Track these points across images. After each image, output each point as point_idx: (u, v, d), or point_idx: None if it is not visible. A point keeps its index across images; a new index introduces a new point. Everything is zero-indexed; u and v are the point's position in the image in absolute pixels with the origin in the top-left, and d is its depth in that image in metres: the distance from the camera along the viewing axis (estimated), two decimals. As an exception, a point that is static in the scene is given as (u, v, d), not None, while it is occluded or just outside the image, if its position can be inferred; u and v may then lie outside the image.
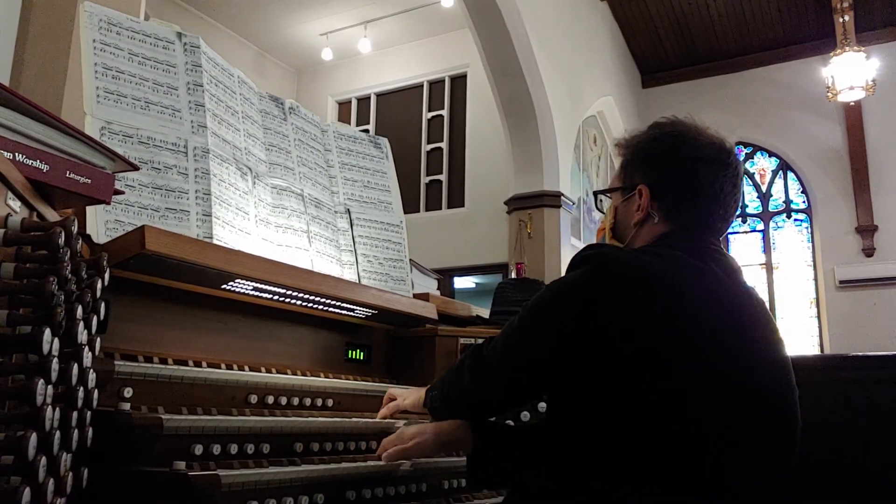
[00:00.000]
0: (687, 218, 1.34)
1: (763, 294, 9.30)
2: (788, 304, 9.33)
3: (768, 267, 9.54)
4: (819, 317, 9.10)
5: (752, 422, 1.18)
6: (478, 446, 1.41)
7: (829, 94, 8.06)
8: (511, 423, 1.86)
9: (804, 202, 9.53)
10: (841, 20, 8.24)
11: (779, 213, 9.68)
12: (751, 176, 9.93)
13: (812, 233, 9.38)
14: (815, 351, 8.98)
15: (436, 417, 1.53)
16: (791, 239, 9.55)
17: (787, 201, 9.65)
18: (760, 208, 9.80)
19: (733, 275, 1.30)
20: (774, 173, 9.78)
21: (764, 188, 9.81)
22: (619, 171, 1.46)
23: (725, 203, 1.35)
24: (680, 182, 1.34)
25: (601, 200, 1.55)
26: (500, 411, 1.48)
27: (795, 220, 9.58)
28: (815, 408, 1.93)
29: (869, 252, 8.86)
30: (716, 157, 1.34)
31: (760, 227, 9.75)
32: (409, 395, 1.70)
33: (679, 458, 1.13)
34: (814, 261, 9.30)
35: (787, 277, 9.42)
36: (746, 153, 9.97)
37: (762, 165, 9.88)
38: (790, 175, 9.66)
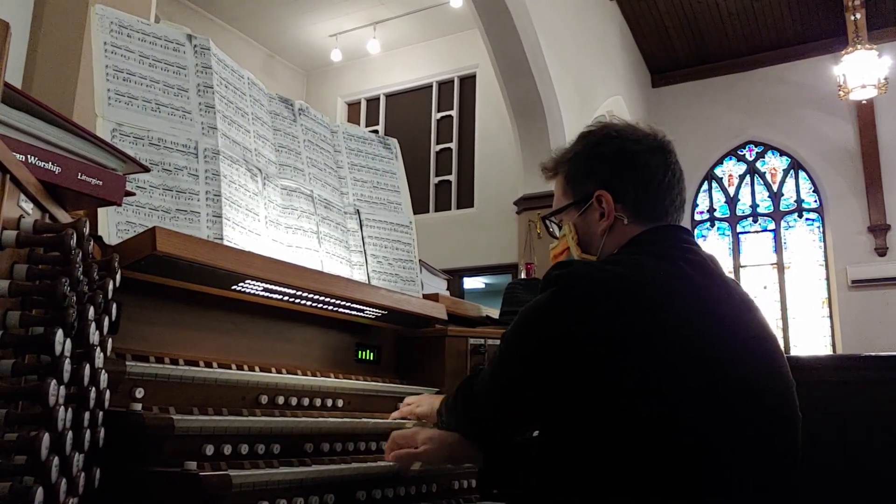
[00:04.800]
0: (651, 212, 1.33)
1: (775, 294, 9.28)
2: (800, 304, 9.28)
3: (780, 267, 9.49)
4: (831, 317, 9.04)
5: (744, 417, 1.15)
6: (487, 462, 1.41)
7: (840, 92, 8.01)
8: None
9: (816, 201, 9.47)
10: (852, 18, 8.18)
11: (790, 212, 9.62)
12: (762, 175, 9.88)
13: (824, 232, 9.32)
14: (828, 351, 8.92)
15: None
16: (803, 238, 9.49)
17: (799, 200, 9.60)
18: (771, 208, 9.75)
19: (707, 271, 1.26)
20: (786, 172, 9.73)
21: (775, 187, 9.76)
22: (564, 187, 1.44)
23: (680, 188, 1.36)
24: (636, 177, 1.34)
25: (553, 226, 1.51)
26: (504, 438, 1.43)
27: (807, 219, 9.53)
28: (827, 408, 1.92)
29: (882, 251, 8.80)
30: (658, 146, 1.36)
31: (772, 226, 9.69)
32: (422, 403, 1.71)
33: (675, 464, 1.10)
34: (826, 260, 9.24)
35: (798, 277, 9.36)
36: (757, 152, 9.92)
37: (773, 165, 9.83)
38: (801, 174, 9.61)
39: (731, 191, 10.02)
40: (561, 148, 1.47)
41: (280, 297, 1.72)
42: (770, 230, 9.70)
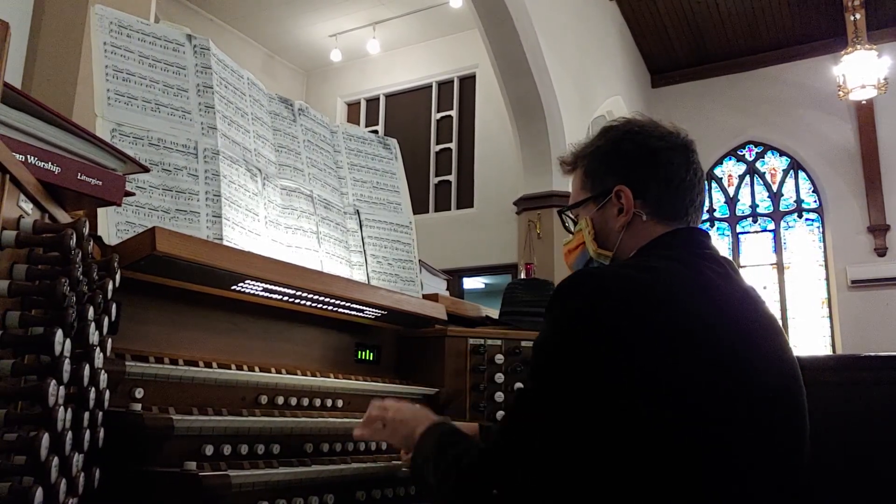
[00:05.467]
0: (671, 211, 1.32)
1: (774, 294, 9.28)
2: (800, 305, 9.28)
3: (779, 267, 9.49)
4: (831, 317, 9.04)
5: (763, 426, 1.15)
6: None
7: (840, 92, 8.01)
8: None
9: (815, 202, 9.47)
10: (852, 18, 8.18)
11: (790, 212, 9.63)
12: (762, 175, 9.88)
13: (824, 232, 9.32)
14: (828, 351, 8.92)
15: None
16: (802, 239, 9.49)
17: (799, 201, 9.60)
18: (771, 208, 9.75)
19: (729, 277, 1.25)
20: (785, 173, 9.73)
21: (775, 188, 9.76)
22: (583, 181, 1.42)
23: (700, 188, 1.35)
24: (658, 174, 1.32)
25: (568, 220, 1.49)
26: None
27: (807, 219, 9.53)
28: (826, 408, 1.92)
29: (881, 252, 8.80)
30: (681, 143, 1.35)
31: (771, 226, 9.69)
32: (396, 431, 1.46)
33: (680, 465, 1.09)
34: (825, 261, 9.24)
35: (798, 277, 9.36)
36: (757, 153, 9.92)
37: (773, 165, 9.83)
38: (801, 174, 9.60)
39: (731, 191, 10.03)
40: (580, 142, 1.46)
41: (280, 297, 1.72)
42: (770, 230, 9.70)
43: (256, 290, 1.65)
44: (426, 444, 1.32)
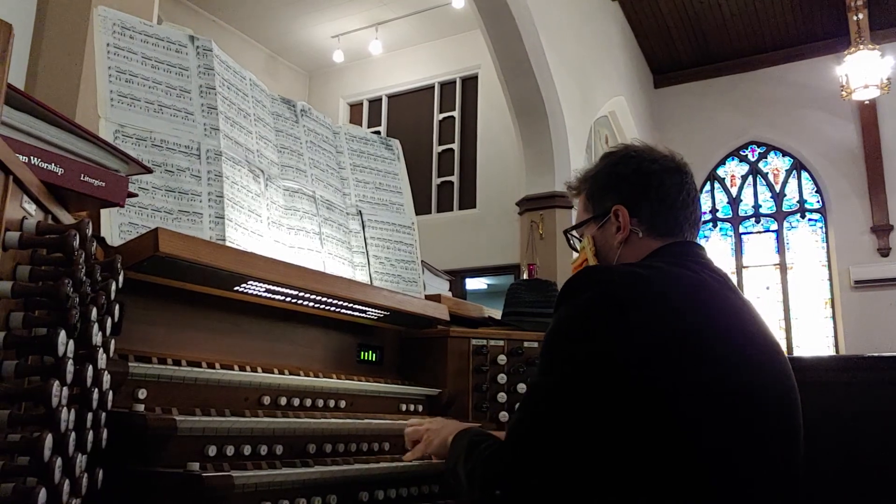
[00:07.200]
0: (665, 228, 1.41)
1: (777, 294, 9.28)
2: (803, 305, 9.26)
3: (782, 267, 9.47)
4: (834, 317, 9.02)
5: (760, 427, 1.18)
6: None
7: (843, 92, 7.99)
8: None
9: (818, 202, 9.45)
10: (855, 18, 8.17)
11: (793, 212, 9.61)
12: (764, 176, 9.87)
13: (826, 233, 9.30)
14: (831, 352, 8.91)
15: None
16: (805, 239, 9.47)
17: (802, 201, 9.58)
18: (774, 208, 9.74)
19: (725, 284, 1.33)
20: (788, 173, 9.72)
21: (777, 188, 9.75)
22: (586, 203, 1.54)
23: (694, 207, 1.45)
24: (651, 194, 1.42)
25: (573, 239, 1.62)
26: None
27: (810, 219, 9.51)
28: (829, 408, 1.92)
29: (884, 252, 8.78)
30: (675, 167, 1.45)
31: (774, 227, 9.68)
32: (432, 440, 1.61)
33: (688, 470, 1.11)
34: (828, 261, 9.23)
35: (801, 278, 9.35)
36: (760, 153, 9.90)
37: (776, 165, 9.82)
38: (804, 174, 9.59)
39: (734, 191, 10.01)
40: (584, 167, 1.57)
41: (282, 297, 1.72)
42: (773, 231, 9.68)
43: (259, 291, 1.65)
44: (458, 446, 1.42)
